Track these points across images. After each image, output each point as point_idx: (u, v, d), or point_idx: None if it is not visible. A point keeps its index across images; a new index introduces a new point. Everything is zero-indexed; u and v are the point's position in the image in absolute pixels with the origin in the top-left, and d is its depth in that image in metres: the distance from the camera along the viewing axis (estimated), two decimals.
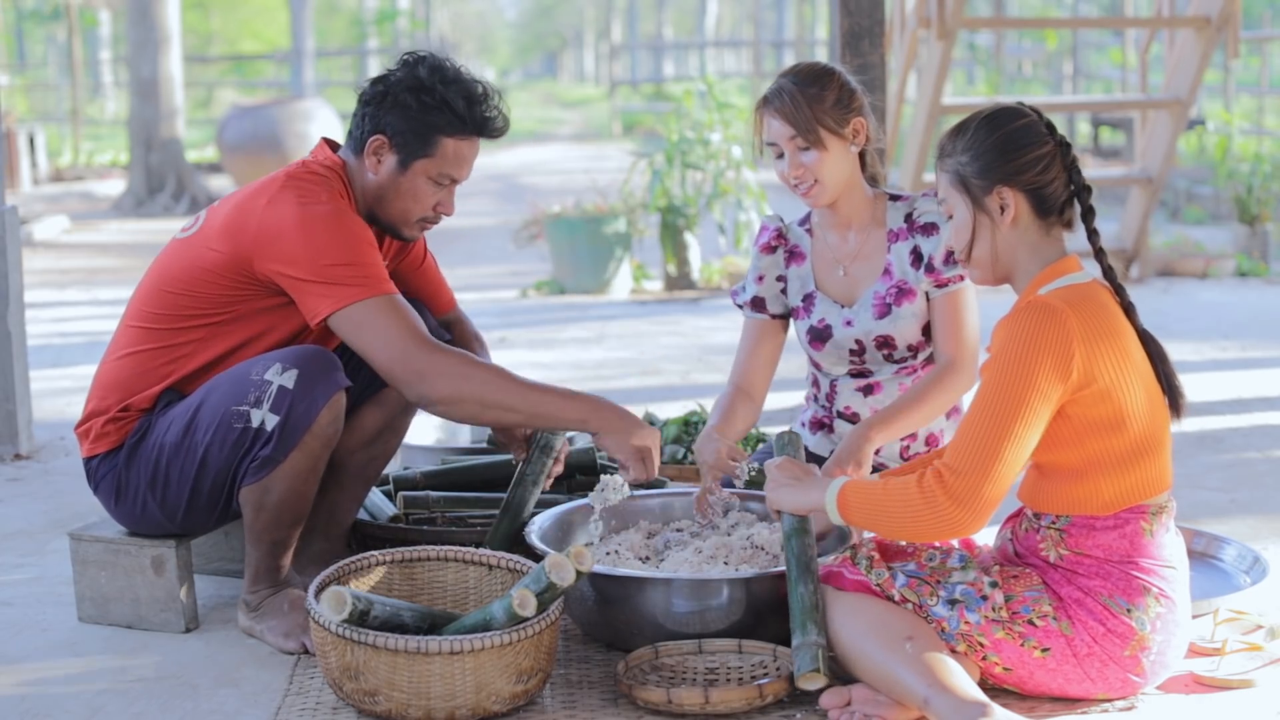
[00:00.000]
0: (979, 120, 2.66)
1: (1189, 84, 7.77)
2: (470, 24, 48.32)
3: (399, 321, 2.90)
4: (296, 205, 2.93)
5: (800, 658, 2.59)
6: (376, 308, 2.89)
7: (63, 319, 7.90)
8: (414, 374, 2.88)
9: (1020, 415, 2.49)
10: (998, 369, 2.52)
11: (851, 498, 2.64)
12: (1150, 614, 2.54)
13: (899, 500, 2.56)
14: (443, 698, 2.56)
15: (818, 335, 3.30)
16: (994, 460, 2.49)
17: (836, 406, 3.36)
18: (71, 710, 2.77)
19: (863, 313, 3.26)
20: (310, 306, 2.91)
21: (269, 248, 2.92)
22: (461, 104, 3.03)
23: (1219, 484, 4.24)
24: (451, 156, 3.06)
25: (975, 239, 2.66)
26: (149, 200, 13.85)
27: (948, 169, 2.67)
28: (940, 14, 7.26)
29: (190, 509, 3.03)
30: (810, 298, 3.32)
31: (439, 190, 3.09)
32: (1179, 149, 10.34)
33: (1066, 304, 2.53)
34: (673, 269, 8.48)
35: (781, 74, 3.22)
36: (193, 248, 3.05)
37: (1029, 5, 24.72)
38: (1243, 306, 7.59)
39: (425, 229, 3.16)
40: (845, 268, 3.30)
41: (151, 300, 3.07)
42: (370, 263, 2.93)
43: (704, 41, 32.27)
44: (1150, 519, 2.58)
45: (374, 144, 3.05)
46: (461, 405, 2.92)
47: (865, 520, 2.63)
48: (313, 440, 2.93)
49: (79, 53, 19.49)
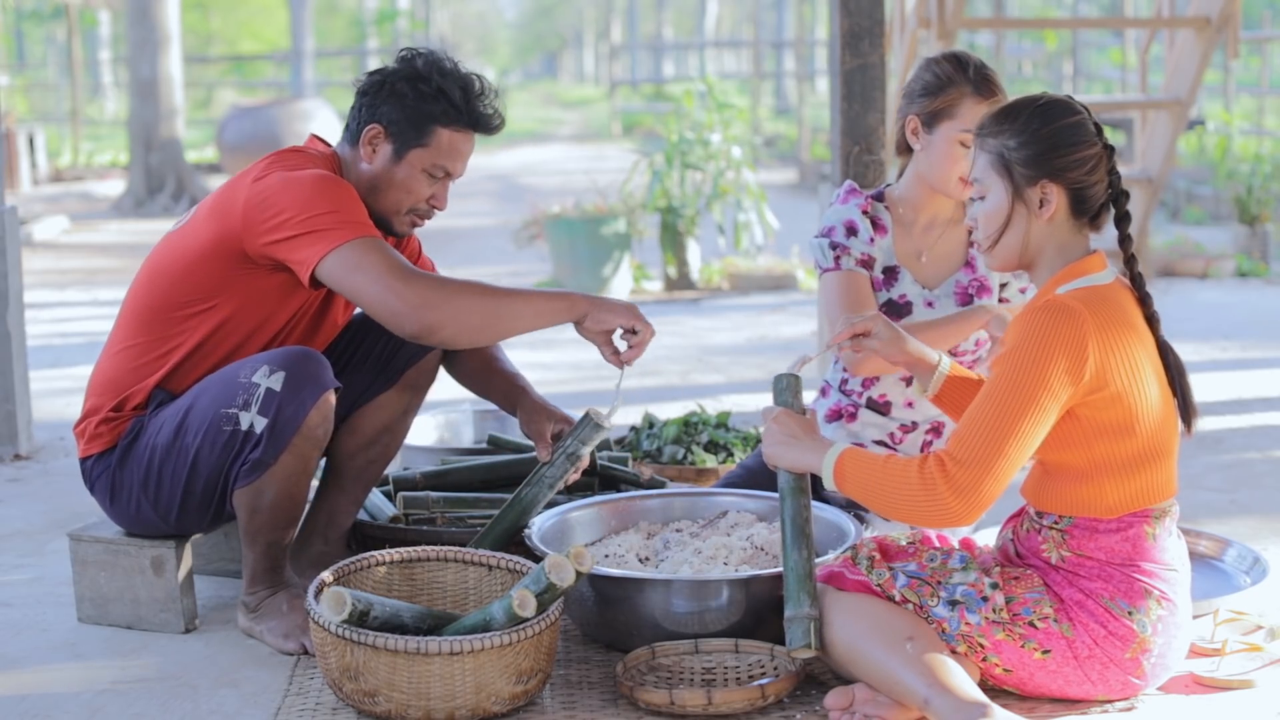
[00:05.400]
0: (1033, 108, 2.60)
1: (1189, 84, 7.76)
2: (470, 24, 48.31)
3: (387, 258, 2.88)
4: (281, 171, 2.95)
5: (793, 631, 2.59)
6: (363, 247, 2.87)
7: (62, 319, 7.90)
8: (411, 306, 2.84)
9: (1029, 413, 2.48)
10: (1010, 365, 2.51)
11: (849, 468, 2.60)
12: (1152, 616, 2.54)
13: (898, 480, 2.53)
14: (442, 698, 2.56)
15: (895, 310, 3.30)
16: (998, 455, 2.48)
17: (871, 393, 3.36)
18: (71, 710, 2.76)
19: (945, 299, 3.30)
20: (300, 259, 2.89)
21: (257, 217, 2.91)
22: (458, 94, 3.04)
23: (1219, 485, 4.24)
24: (446, 147, 3.05)
25: (1008, 226, 2.62)
26: (149, 201, 13.85)
27: (990, 149, 2.61)
28: (940, 14, 7.25)
29: (183, 510, 3.03)
30: (894, 271, 3.32)
31: (433, 183, 3.08)
32: (1179, 149, 10.33)
33: (1084, 306, 2.51)
34: (672, 270, 8.48)
35: (981, 63, 3.18)
36: (183, 239, 3.06)
37: (1029, 5, 24.71)
38: (1243, 307, 7.59)
39: (417, 224, 3.14)
40: (927, 254, 3.33)
41: (144, 293, 3.07)
42: (353, 209, 2.92)
43: (704, 42, 32.26)
44: (1154, 522, 2.57)
45: (369, 133, 3.05)
46: (463, 322, 2.88)
47: (859, 493, 2.59)
48: (302, 442, 2.93)
49: (79, 53, 19.48)
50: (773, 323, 7.42)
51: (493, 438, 3.95)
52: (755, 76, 19.34)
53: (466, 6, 47.42)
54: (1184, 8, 8.23)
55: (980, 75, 3.19)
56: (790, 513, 2.69)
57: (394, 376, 3.23)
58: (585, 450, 3.15)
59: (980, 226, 2.65)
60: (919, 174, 3.28)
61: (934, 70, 3.21)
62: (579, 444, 3.14)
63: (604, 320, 2.96)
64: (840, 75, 4.64)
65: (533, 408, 3.26)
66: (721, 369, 6.17)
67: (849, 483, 2.60)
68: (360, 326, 3.27)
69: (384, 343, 3.22)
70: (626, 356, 3.01)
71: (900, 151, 3.33)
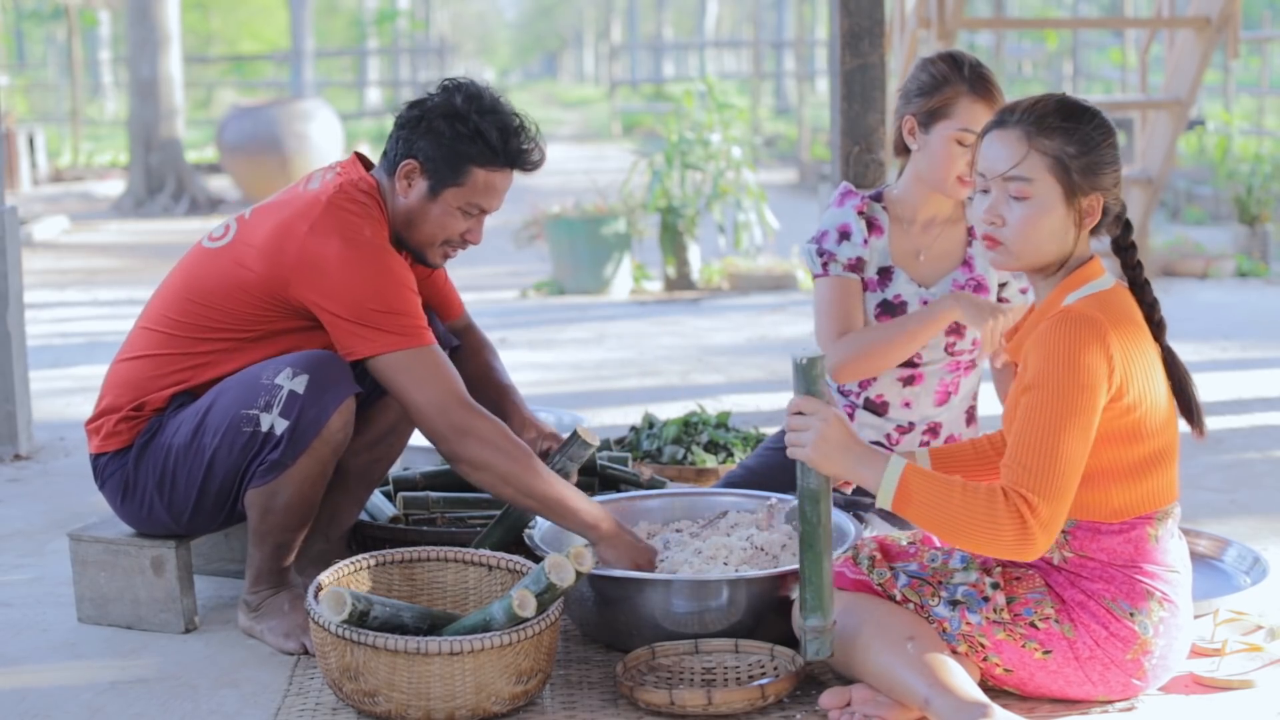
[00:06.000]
0: (1096, 118, 2.54)
1: (1189, 84, 7.76)
2: (470, 24, 48.33)
3: (443, 374, 2.92)
4: (340, 239, 2.92)
5: (820, 643, 2.53)
6: (419, 357, 2.90)
7: (62, 319, 7.90)
8: (453, 429, 2.89)
9: (1084, 432, 2.44)
10: (1050, 386, 2.44)
11: (916, 491, 2.43)
12: (1153, 618, 2.54)
13: (980, 516, 2.41)
14: (442, 698, 2.56)
15: (889, 309, 3.30)
16: (1068, 482, 2.43)
17: (869, 393, 3.36)
18: (71, 710, 2.76)
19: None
20: (347, 345, 2.92)
21: (308, 278, 2.91)
22: (495, 135, 3.01)
23: (1219, 484, 4.24)
24: (482, 187, 3.04)
25: (1046, 229, 2.53)
26: (149, 200, 13.86)
27: (1048, 150, 2.50)
28: (940, 14, 7.26)
29: (197, 511, 3.03)
30: (888, 271, 3.32)
31: (467, 219, 3.08)
32: (1179, 149, 10.34)
33: (1104, 315, 2.48)
34: (672, 270, 8.48)
35: (977, 61, 3.18)
36: (223, 261, 3.03)
37: (1029, 5, 24.71)
38: (1243, 307, 7.59)
39: (449, 255, 3.15)
40: (924, 253, 3.33)
41: (174, 307, 3.06)
42: (412, 311, 2.94)
43: (704, 42, 32.27)
44: (1156, 524, 2.57)
45: (405, 168, 3.04)
46: (487, 473, 2.91)
47: (923, 517, 2.44)
48: (322, 446, 2.93)
49: (79, 53, 19.49)
50: (773, 323, 7.42)
51: None
52: (755, 76, 19.34)
53: (466, 6, 47.44)
54: (1184, 8, 8.23)
55: (976, 74, 3.18)
56: (818, 517, 2.50)
57: None
58: (574, 467, 3.20)
59: (1017, 226, 2.52)
60: (917, 174, 3.27)
61: (929, 70, 3.21)
62: (567, 461, 3.19)
63: (605, 560, 2.95)
64: (840, 75, 4.64)
65: (522, 424, 3.31)
66: (721, 369, 6.17)
67: (913, 507, 2.43)
68: None
69: None
70: None
71: (898, 152, 3.33)
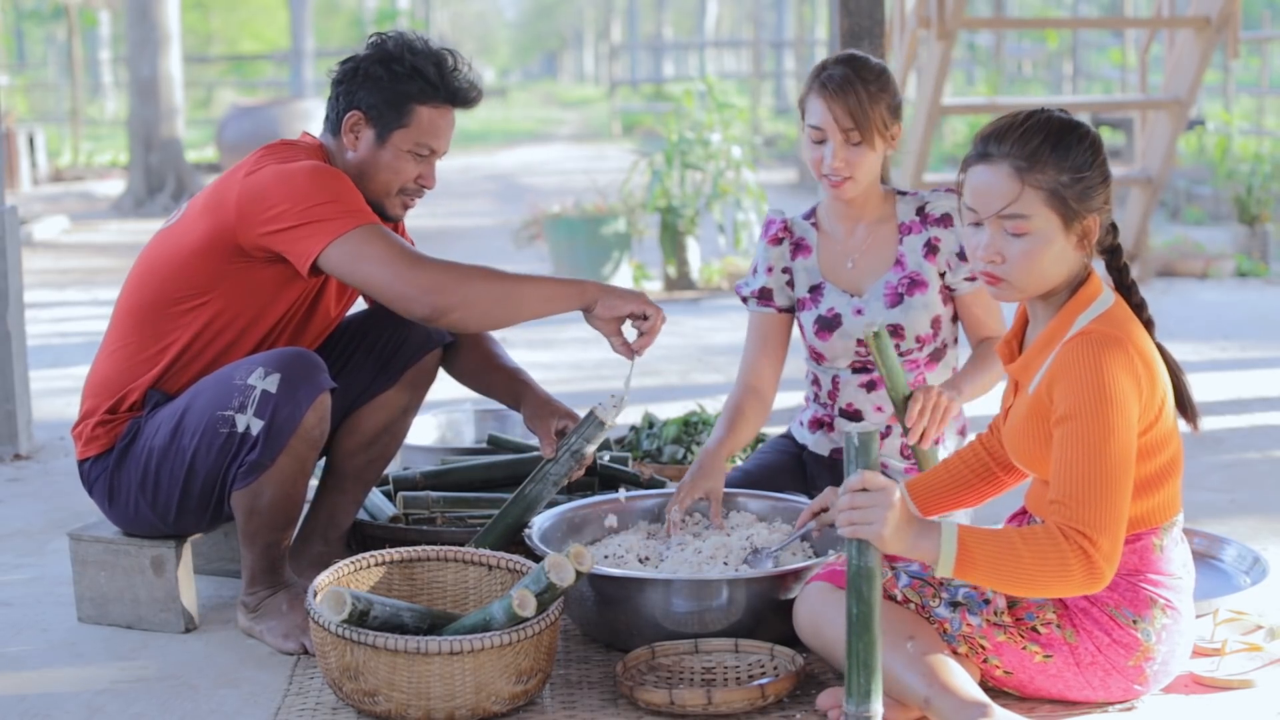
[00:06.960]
0: (1086, 138, 2.50)
1: (1189, 84, 7.76)
2: (470, 24, 48.36)
3: (391, 245, 2.90)
4: (274, 164, 2.96)
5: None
6: (365, 236, 2.89)
7: (62, 319, 7.90)
8: (421, 289, 2.86)
9: (1129, 459, 2.42)
10: (1087, 415, 2.40)
11: (978, 552, 2.35)
12: (1156, 625, 2.53)
13: (1051, 561, 2.35)
14: (442, 698, 2.56)
15: (826, 325, 3.31)
16: (1122, 513, 2.40)
17: (839, 404, 3.36)
18: (71, 710, 2.76)
19: (874, 301, 3.28)
20: (301, 251, 2.90)
21: (252, 210, 2.92)
22: (432, 70, 3.05)
23: (1219, 484, 4.24)
24: (427, 125, 3.07)
25: (1049, 260, 2.48)
26: (149, 200, 13.84)
27: (1042, 184, 2.45)
28: (940, 14, 7.25)
29: (182, 511, 3.03)
30: (818, 288, 3.33)
31: (419, 162, 3.10)
32: (1179, 149, 10.34)
33: (1124, 334, 2.46)
34: (672, 269, 8.48)
35: (840, 60, 3.18)
36: (174, 234, 3.06)
37: (1029, 5, 24.71)
38: (1242, 306, 7.59)
39: (409, 205, 3.16)
40: (854, 259, 3.32)
41: (136, 292, 3.07)
42: (351, 197, 2.94)
43: (704, 42, 32.27)
44: (1162, 534, 2.56)
45: (350, 120, 3.06)
46: (475, 306, 2.89)
47: (991, 576, 2.36)
48: (299, 444, 2.93)
49: (79, 53, 19.49)
50: None
51: (493, 437, 3.95)
52: (755, 76, 19.35)
53: (466, 6, 47.46)
54: (1184, 8, 8.23)
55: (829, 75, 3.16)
56: (874, 597, 2.33)
57: (394, 376, 3.23)
58: (590, 448, 3.15)
59: (1018, 262, 2.47)
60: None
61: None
62: (584, 441, 3.14)
63: (614, 306, 2.96)
64: None
65: (538, 403, 3.25)
66: (721, 369, 6.17)
67: (978, 570, 2.36)
68: (360, 326, 3.27)
69: (384, 342, 3.23)
70: (638, 345, 3.01)
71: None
